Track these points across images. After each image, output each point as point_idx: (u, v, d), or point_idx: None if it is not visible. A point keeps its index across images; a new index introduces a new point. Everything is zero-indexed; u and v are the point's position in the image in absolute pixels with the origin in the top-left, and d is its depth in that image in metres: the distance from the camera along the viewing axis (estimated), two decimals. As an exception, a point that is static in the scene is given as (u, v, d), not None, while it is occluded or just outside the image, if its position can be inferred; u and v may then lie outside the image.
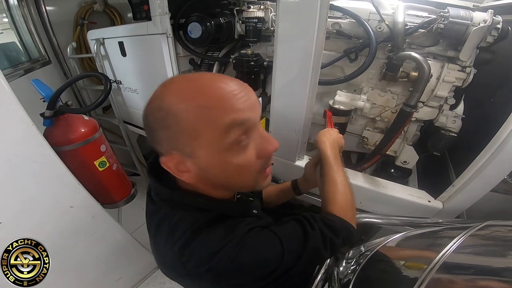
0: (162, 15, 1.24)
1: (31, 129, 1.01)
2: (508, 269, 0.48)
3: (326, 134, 0.89)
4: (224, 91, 0.48)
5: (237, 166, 0.52)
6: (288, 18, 0.90)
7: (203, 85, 0.49)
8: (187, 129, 0.48)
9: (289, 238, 0.60)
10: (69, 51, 1.78)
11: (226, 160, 0.51)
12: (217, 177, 0.55)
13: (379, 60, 1.10)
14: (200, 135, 0.48)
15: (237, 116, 0.48)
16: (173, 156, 0.51)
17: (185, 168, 0.53)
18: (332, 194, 0.76)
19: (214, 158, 0.51)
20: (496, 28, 0.86)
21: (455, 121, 1.03)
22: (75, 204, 1.22)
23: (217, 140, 0.49)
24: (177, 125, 0.48)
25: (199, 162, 0.52)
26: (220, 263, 0.53)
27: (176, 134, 0.49)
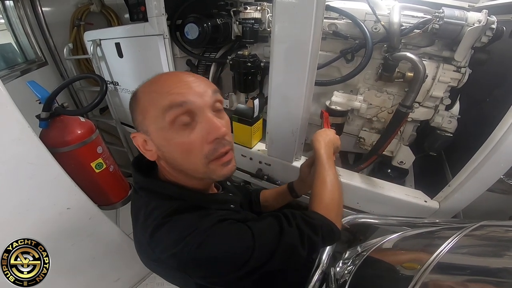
0: (159, 16, 1.25)
1: (27, 131, 1.01)
2: (503, 269, 0.49)
3: (322, 134, 0.90)
4: (171, 80, 0.58)
5: (180, 144, 0.57)
6: (284, 19, 0.90)
7: (161, 76, 0.60)
8: (140, 109, 0.58)
9: (263, 233, 0.61)
10: (66, 52, 1.77)
11: (169, 137, 0.57)
12: (169, 156, 0.60)
13: (375, 61, 1.10)
14: (147, 113, 0.57)
15: (175, 98, 0.55)
16: (139, 134, 0.60)
17: (148, 147, 0.60)
18: (319, 192, 0.77)
19: (159, 135, 0.57)
20: (490, 28, 0.87)
21: (450, 121, 1.03)
22: (72, 205, 1.22)
23: (160, 118, 0.55)
24: (137, 106, 0.59)
25: (153, 139, 0.59)
26: (184, 250, 0.54)
27: (136, 113, 0.60)
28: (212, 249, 0.55)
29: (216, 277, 0.59)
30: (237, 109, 1.24)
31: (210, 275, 0.59)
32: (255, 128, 1.27)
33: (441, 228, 0.79)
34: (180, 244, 0.54)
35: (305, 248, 0.63)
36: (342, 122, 1.17)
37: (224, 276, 0.59)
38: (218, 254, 0.55)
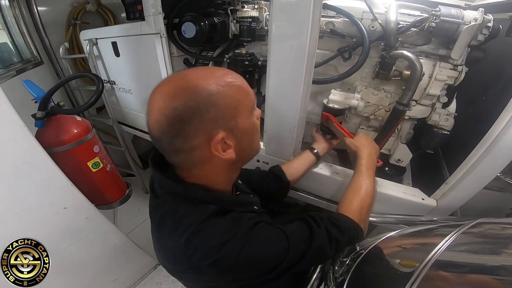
0: (156, 15, 1.24)
1: (23, 130, 1.00)
2: (502, 267, 0.49)
3: (369, 142, 0.97)
4: (234, 73, 0.59)
5: (256, 125, 0.62)
6: (281, 18, 0.90)
7: (216, 70, 0.58)
8: (231, 102, 0.55)
9: (295, 235, 0.62)
10: (62, 51, 1.76)
11: (251, 121, 0.61)
12: (248, 143, 0.62)
13: (372, 59, 1.10)
14: (240, 104, 0.56)
15: (250, 87, 0.60)
16: (216, 135, 0.55)
17: (226, 146, 0.57)
18: (350, 197, 0.81)
19: (247, 122, 0.59)
20: (487, 26, 0.87)
21: (447, 119, 1.03)
22: (68, 205, 1.21)
23: (250, 106, 0.60)
24: (222, 100, 0.54)
25: (239, 132, 0.58)
26: (226, 256, 0.54)
27: (223, 108, 0.54)
28: (254, 253, 0.56)
29: (251, 279, 0.60)
30: (234, 108, 1.23)
31: (246, 277, 0.60)
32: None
33: (439, 226, 0.79)
34: (221, 251, 0.54)
35: (332, 249, 0.66)
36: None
37: (258, 278, 0.60)
38: (258, 257, 0.57)
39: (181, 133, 0.53)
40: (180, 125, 0.52)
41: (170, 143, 0.55)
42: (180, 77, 0.55)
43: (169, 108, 0.52)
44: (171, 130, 0.53)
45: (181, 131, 0.53)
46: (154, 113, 0.54)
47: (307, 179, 1.15)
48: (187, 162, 0.59)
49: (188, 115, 0.52)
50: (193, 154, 0.56)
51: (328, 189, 1.18)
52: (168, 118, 0.52)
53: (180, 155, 0.57)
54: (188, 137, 0.54)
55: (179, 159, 0.59)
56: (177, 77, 0.56)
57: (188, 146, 0.55)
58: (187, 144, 0.54)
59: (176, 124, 0.52)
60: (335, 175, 1.14)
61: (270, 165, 1.27)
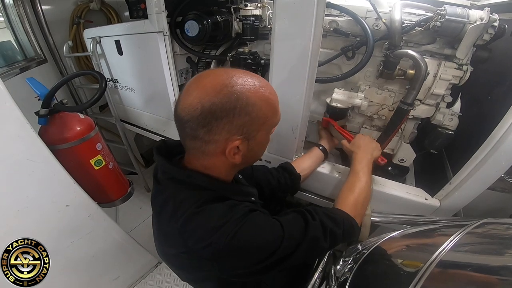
0: (159, 13, 1.24)
1: (26, 127, 1.00)
2: (505, 267, 0.48)
3: (365, 141, 1.02)
4: (274, 89, 0.64)
5: (267, 142, 0.67)
6: (285, 16, 0.90)
7: (262, 82, 0.61)
8: (261, 116, 0.59)
9: (291, 223, 0.65)
10: (65, 49, 1.77)
11: (267, 138, 0.66)
12: (256, 152, 0.67)
13: (376, 58, 1.09)
14: (268, 120, 0.61)
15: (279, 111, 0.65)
16: (234, 141, 0.59)
17: (237, 150, 0.61)
18: (345, 196, 0.86)
19: (264, 138, 0.65)
20: (492, 26, 0.86)
21: (452, 119, 1.03)
22: (71, 203, 1.21)
23: (274, 124, 0.65)
24: (256, 113, 0.58)
25: (254, 143, 0.62)
26: (220, 239, 0.56)
27: (253, 119, 0.58)
28: (247, 238, 0.58)
29: (245, 267, 0.61)
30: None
31: (240, 265, 0.61)
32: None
33: (442, 226, 0.78)
34: (217, 233, 0.56)
35: (327, 241, 0.68)
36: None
37: (252, 266, 0.60)
38: (252, 243, 0.59)
39: (207, 125, 0.56)
40: (210, 119, 0.56)
41: (194, 129, 0.58)
42: (228, 76, 0.57)
43: (208, 101, 0.55)
44: (200, 119, 0.56)
45: (208, 124, 0.56)
46: (192, 98, 0.57)
47: (310, 178, 1.14)
48: (199, 149, 0.62)
49: (222, 114, 0.55)
50: (208, 145, 0.60)
51: (330, 188, 1.18)
52: (204, 108, 0.55)
53: (196, 142, 0.60)
54: (211, 131, 0.57)
55: (193, 144, 0.62)
56: (224, 74, 0.58)
57: (208, 138, 0.58)
58: (207, 136, 0.58)
59: (208, 117, 0.55)
60: (338, 174, 1.14)
61: (272, 164, 1.27)
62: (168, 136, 1.64)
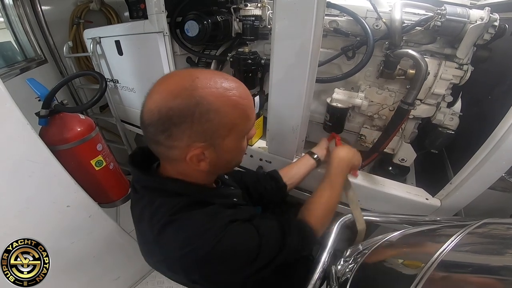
0: (159, 14, 1.24)
1: (26, 128, 1.01)
2: (506, 267, 0.48)
3: (343, 150, 1.00)
4: (246, 92, 0.59)
5: (243, 148, 0.64)
6: (285, 16, 0.90)
7: (231, 85, 0.56)
8: (227, 123, 0.55)
9: (268, 235, 0.65)
10: (65, 50, 1.76)
11: (239, 145, 0.62)
12: (227, 160, 0.63)
13: (377, 58, 1.09)
14: (236, 126, 0.57)
15: (253, 116, 0.62)
16: (196, 148, 0.55)
17: (203, 157, 0.58)
18: (313, 206, 0.87)
19: (234, 145, 0.60)
20: (493, 25, 0.86)
21: (452, 118, 1.02)
22: (71, 203, 1.22)
23: (245, 131, 0.61)
24: (219, 119, 0.54)
25: (221, 150, 0.58)
26: (201, 247, 0.55)
27: (216, 125, 0.54)
28: (226, 247, 0.57)
29: (223, 276, 0.61)
30: (237, 106, 1.23)
31: (216, 277, 0.61)
32: (255, 125, 1.27)
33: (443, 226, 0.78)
34: (195, 243, 0.55)
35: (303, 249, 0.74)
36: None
37: (230, 276, 0.61)
38: (232, 253, 0.58)
39: (166, 131, 0.53)
40: (168, 125, 0.53)
41: (154, 134, 0.55)
42: (189, 79, 0.53)
43: (165, 106, 0.52)
44: (159, 125, 0.53)
45: (167, 130, 0.53)
46: (150, 103, 0.54)
47: (309, 179, 1.14)
48: (164, 154, 0.61)
49: (180, 119, 0.52)
50: (171, 151, 0.57)
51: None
52: (161, 114, 0.52)
53: (159, 147, 0.58)
54: (171, 137, 0.54)
55: (157, 149, 0.60)
56: (186, 77, 0.54)
57: (169, 144, 0.55)
58: (168, 142, 0.55)
59: (166, 122, 0.52)
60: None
61: (273, 163, 1.28)
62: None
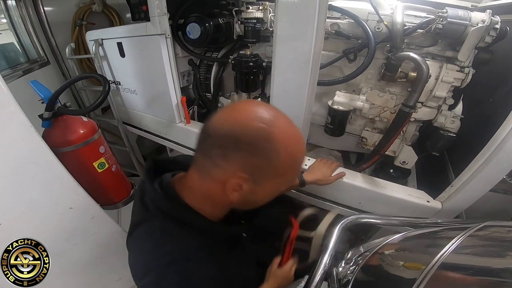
0: (161, 16, 1.24)
1: (30, 130, 1.01)
2: (506, 269, 0.48)
3: (278, 273, 0.84)
4: (303, 149, 0.62)
5: (275, 195, 0.63)
6: (286, 19, 0.90)
7: (299, 138, 0.59)
8: (279, 167, 0.55)
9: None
10: (68, 52, 1.77)
11: (275, 191, 0.62)
12: (257, 200, 0.62)
13: (378, 61, 1.10)
14: (284, 175, 0.58)
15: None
16: (239, 178, 0.54)
17: (239, 188, 0.56)
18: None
19: (272, 190, 0.61)
20: (494, 28, 0.87)
21: (453, 121, 1.03)
22: (74, 205, 1.22)
23: (288, 182, 0.61)
24: (275, 161, 0.54)
25: (258, 189, 0.58)
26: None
27: (268, 166, 0.54)
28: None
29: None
30: (238, 109, 1.23)
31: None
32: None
33: (444, 229, 0.78)
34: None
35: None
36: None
37: None
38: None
39: (224, 149, 0.53)
40: (229, 145, 0.53)
41: (211, 147, 0.55)
42: (271, 114, 0.54)
43: (238, 126, 0.52)
44: (221, 140, 0.53)
45: (225, 148, 0.53)
46: (225, 116, 0.55)
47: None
48: (205, 168, 0.58)
49: (243, 146, 0.52)
50: (215, 169, 0.56)
51: (332, 190, 1.18)
52: (230, 132, 0.52)
53: (207, 160, 0.57)
54: (224, 157, 0.54)
55: (203, 161, 0.58)
56: (269, 110, 0.55)
57: (218, 162, 0.55)
58: (218, 160, 0.54)
59: (229, 142, 0.52)
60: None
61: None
62: (169, 138, 1.65)
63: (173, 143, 1.65)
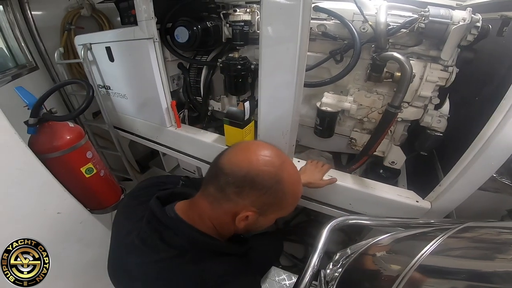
0: (148, 20, 1.23)
1: (14, 137, 1.01)
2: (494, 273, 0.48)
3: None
4: (302, 187, 0.73)
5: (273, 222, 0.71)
6: (271, 21, 0.90)
7: (298, 179, 0.70)
8: (282, 203, 0.66)
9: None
10: (57, 56, 1.76)
11: (278, 216, 0.70)
12: (259, 227, 0.70)
13: (365, 61, 1.10)
14: (285, 208, 0.68)
15: None
16: (250, 211, 0.63)
17: (247, 219, 0.64)
18: None
19: (273, 219, 0.69)
20: (475, 26, 0.87)
21: (440, 120, 1.03)
22: (62, 210, 1.22)
23: (287, 213, 0.70)
24: (282, 199, 0.65)
25: (263, 219, 0.67)
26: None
27: (275, 202, 0.65)
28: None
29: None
30: (228, 111, 1.23)
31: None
32: (246, 131, 1.27)
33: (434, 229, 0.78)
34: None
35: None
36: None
37: None
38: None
39: (239, 188, 0.62)
40: (245, 185, 0.61)
41: (227, 184, 0.62)
42: (281, 159, 0.66)
43: (256, 170, 0.61)
44: (239, 181, 0.61)
45: (240, 187, 0.61)
46: (243, 158, 0.63)
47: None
48: (217, 200, 0.65)
49: (259, 186, 0.61)
50: (227, 202, 0.64)
51: (322, 192, 1.17)
52: (248, 174, 0.61)
53: (220, 194, 0.64)
54: (238, 194, 0.62)
55: (216, 194, 0.65)
56: (280, 156, 0.66)
57: (232, 197, 0.63)
58: (232, 196, 0.62)
59: (246, 182, 0.61)
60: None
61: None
62: (160, 142, 1.64)
63: (164, 147, 1.64)
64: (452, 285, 0.46)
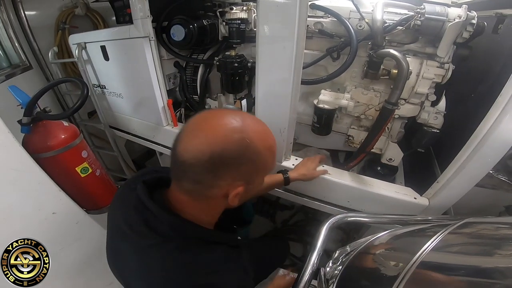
0: (144, 19, 1.22)
1: (7, 136, 0.99)
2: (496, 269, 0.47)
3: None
4: (273, 136, 0.65)
5: (263, 183, 0.71)
6: (268, 19, 0.90)
7: (267, 129, 0.64)
8: (262, 162, 0.61)
9: None
10: (51, 56, 1.73)
11: (263, 181, 0.69)
12: (252, 194, 0.68)
13: (361, 59, 1.10)
14: (268, 167, 0.64)
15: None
16: (237, 186, 0.59)
17: (237, 192, 0.60)
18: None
19: (261, 181, 0.68)
20: (471, 23, 0.87)
21: (437, 117, 1.03)
22: (57, 210, 1.20)
23: (271, 169, 0.66)
24: (259, 160, 0.59)
25: (252, 186, 0.63)
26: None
27: (255, 167, 0.60)
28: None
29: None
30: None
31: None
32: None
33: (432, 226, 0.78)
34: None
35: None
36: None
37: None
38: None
39: (214, 171, 0.56)
40: (219, 165, 0.55)
41: (198, 173, 0.56)
42: (240, 124, 0.57)
43: (219, 146, 0.54)
44: (208, 165, 0.55)
45: (216, 170, 0.56)
46: (198, 141, 0.55)
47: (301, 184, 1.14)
48: (198, 192, 0.61)
49: (231, 161, 0.56)
50: (210, 189, 0.59)
51: (320, 190, 1.18)
52: (213, 154, 0.54)
53: (198, 186, 0.59)
54: (217, 177, 0.57)
55: (193, 188, 0.60)
56: (237, 121, 0.57)
57: (212, 183, 0.58)
58: (212, 181, 0.58)
59: (217, 163, 0.54)
60: (328, 176, 1.13)
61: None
62: (157, 142, 1.62)
63: (161, 146, 1.63)
64: (452, 281, 0.45)
